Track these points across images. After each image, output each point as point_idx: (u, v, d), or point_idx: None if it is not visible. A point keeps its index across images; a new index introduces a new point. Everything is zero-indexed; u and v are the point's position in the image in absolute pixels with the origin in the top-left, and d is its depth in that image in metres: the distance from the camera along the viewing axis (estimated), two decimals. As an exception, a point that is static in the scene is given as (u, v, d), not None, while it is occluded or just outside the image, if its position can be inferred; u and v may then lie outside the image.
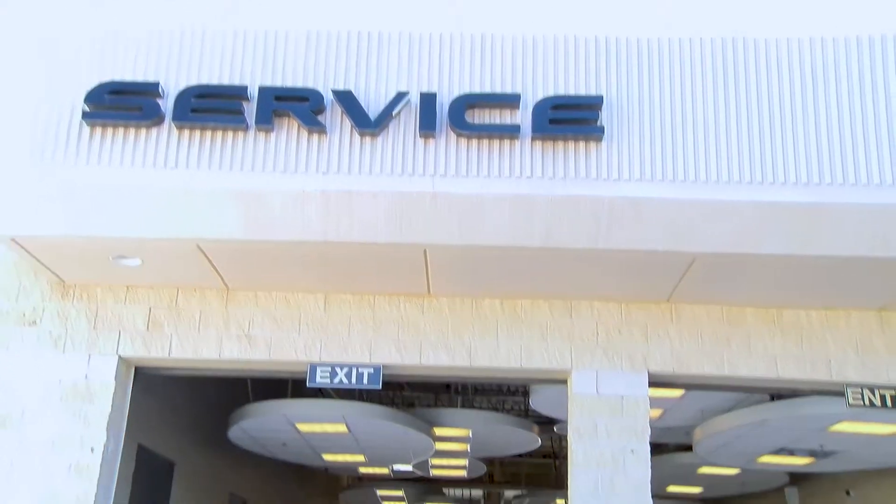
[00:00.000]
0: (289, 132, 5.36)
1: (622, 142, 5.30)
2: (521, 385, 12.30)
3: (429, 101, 5.35)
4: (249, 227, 5.55)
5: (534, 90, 5.42)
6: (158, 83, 5.41)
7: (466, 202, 5.30)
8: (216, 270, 6.28)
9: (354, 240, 5.59)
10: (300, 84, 5.45)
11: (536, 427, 12.27)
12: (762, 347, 6.44)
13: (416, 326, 6.54)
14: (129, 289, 6.62)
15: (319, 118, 5.34)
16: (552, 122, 5.30)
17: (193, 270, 6.27)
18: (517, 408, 15.41)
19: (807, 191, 5.19)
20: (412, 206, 5.35)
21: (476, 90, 5.42)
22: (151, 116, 5.34)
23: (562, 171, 5.26)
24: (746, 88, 5.38)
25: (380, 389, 6.69)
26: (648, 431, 6.27)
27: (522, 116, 5.35)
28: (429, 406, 13.90)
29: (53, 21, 5.63)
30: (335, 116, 5.37)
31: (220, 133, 5.37)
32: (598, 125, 5.29)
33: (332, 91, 5.39)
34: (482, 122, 5.34)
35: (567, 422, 6.49)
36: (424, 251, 5.79)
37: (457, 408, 13.28)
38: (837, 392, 6.44)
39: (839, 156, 5.24)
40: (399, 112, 5.34)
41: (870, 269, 5.78)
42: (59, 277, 6.53)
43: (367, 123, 5.31)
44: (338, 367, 6.45)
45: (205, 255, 6.01)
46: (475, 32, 5.55)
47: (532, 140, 5.31)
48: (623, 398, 6.33)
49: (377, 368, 6.45)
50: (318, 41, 5.56)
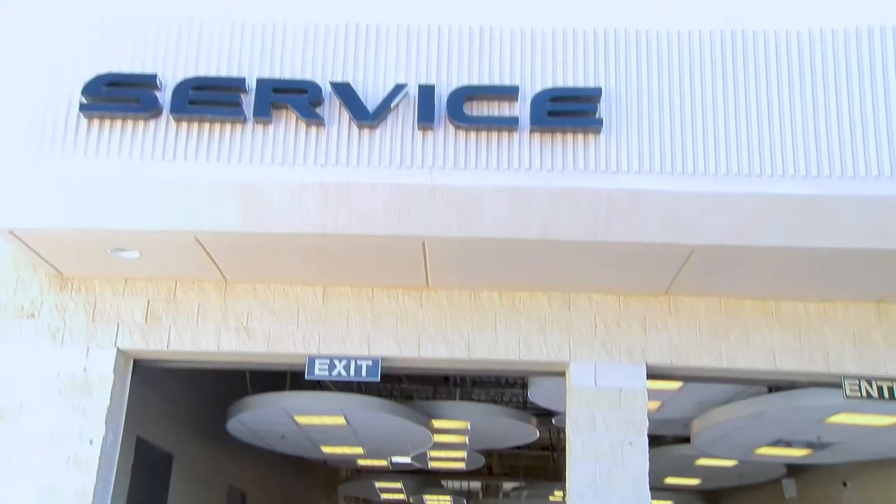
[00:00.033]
0: (287, 124, 5.35)
1: (620, 134, 5.30)
2: (520, 377, 12.32)
3: (427, 94, 5.34)
4: (248, 220, 5.55)
5: (532, 82, 5.41)
6: (156, 75, 5.39)
7: (465, 194, 5.30)
8: (214, 263, 6.27)
9: (353, 232, 5.59)
10: (298, 76, 5.44)
11: (535, 419, 12.29)
12: (760, 340, 6.46)
13: (415, 319, 6.54)
14: (128, 281, 6.62)
15: (318, 110, 5.33)
16: (551, 115, 5.29)
17: (192, 263, 6.26)
18: (515, 400, 15.43)
19: (805, 183, 5.19)
20: (410, 199, 5.35)
21: (474, 82, 5.41)
22: (149, 108, 5.33)
23: (560, 164, 5.26)
24: (745, 80, 5.37)
25: (378, 382, 6.70)
26: (646, 423, 6.28)
27: (521, 109, 5.34)
28: (427, 398, 13.93)
29: (51, 12, 5.61)
30: (333, 109, 5.37)
31: (218, 125, 5.36)
32: (597, 117, 5.28)
33: (331, 83, 5.38)
34: (480, 115, 5.34)
35: (565, 414, 6.51)
36: (423, 243, 5.79)
37: (455, 400, 13.30)
38: (835, 384, 6.46)
39: (837, 148, 5.24)
40: (397, 104, 5.33)
41: (868, 262, 5.79)
42: (58, 270, 6.53)
43: (366, 116, 5.30)
44: (336, 360, 6.46)
45: (203, 248, 6.00)
46: (473, 24, 5.54)
47: (530, 132, 5.30)
48: (621, 390, 6.34)
49: (376, 361, 6.46)
50: (317, 33, 5.54)
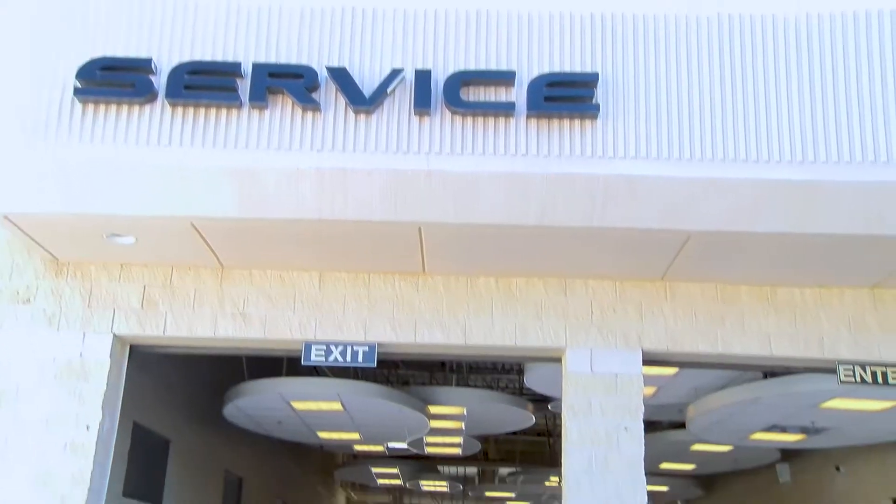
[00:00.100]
0: (283, 109, 5.33)
1: (617, 119, 5.28)
2: (516, 363, 12.33)
3: (423, 79, 5.32)
4: (243, 205, 5.54)
5: (529, 67, 5.39)
6: (151, 59, 5.36)
7: (461, 180, 5.29)
8: (210, 248, 6.26)
9: (349, 218, 5.58)
10: (294, 61, 5.41)
11: (531, 405, 12.33)
12: (756, 325, 6.47)
13: (411, 304, 6.55)
14: (124, 267, 6.61)
15: (314, 95, 5.30)
16: (547, 100, 5.27)
17: (188, 248, 6.25)
18: (512, 386, 15.48)
19: (802, 168, 5.18)
20: (407, 184, 5.34)
21: (471, 67, 5.39)
22: (144, 93, 5.30)
23: (557, 149, 5.25)
24: (742, 65, 5.36)
25: (375, 367, 6.72)
26: (642, 409, 6.30)
27: (517, 94, 5.32)
28: (423, 384, 13.94)
29: (44, -4, 5.57)
30: (329, 93, 5.34)
31: (214, 110, 5.33)
32: (594, 103, 5.27)
33: (327, 68, 5.35)
34: (477, 100, 5.32)
35: (561, 400, 6.53)
36: (419, 229, 5.78)
37: (451, 386, 13.33)
38: (830, 369, 6.48)
39: (834, 133, 5.23)
40: (394, 89, 5.31)
41: (864, 247, 5.80)
42: (53, 255, 6.51)
43: (362, 101, 5.28)
44: (333, 346, 6.46)
45: (199, 233, 5.99)
46: (470, 9, 5.51)
47: (527, 117, 5.28)
48: (617, 376, 6.36)
49: (372, 346, 6.46)
50: (313, 17, 5.51)
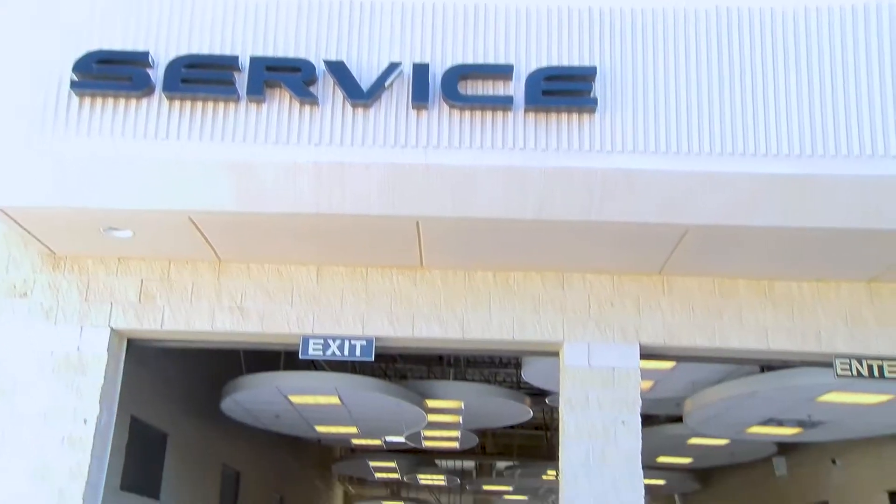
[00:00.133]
0: (280, 103, 5.32)
1: (615, 113, 5.28)
2: (514, 357, 12.36)
3: (421, 72, 5.31)
4: (241, 199, 5.53)
5: (527, 61, 5.38)
6: (148, 53, 5.34)
7: (459, 174, 5.29)
8: (208, 242, 6.26)
9: (347, 212, 5.58)
10: (292, 54, 5.39)
11: (528, 399, 12.35)
12: (753, 319, 6.48)
13: (409, 299, 6.55)
14: (121, 261, 6.60)
15: (311, 89, 5.29)
16: (545, 94, 5.26)
17: (185, 242, 6.25)
18: (509, 380, 15.50)
19: (799, 162, 5.19)
20: (405, 178, 5.33)
21: (469, 61, 5.38)
22: (141, 87, 5.29)
23: (555, 143, 5.24)
24: (740, 59, 5.36)
25: (372, 361, 6.73)
26: (639, 403, 6.32)
27: (515, 87, 5.31)
28: (421, 378, 13.99)
29: (40, -11, 5.55)
30: (327, 87, 5.33)
31: (212, 104, 5.32)
32: (592, 96, 5.26)
33: (325, 62, 5.34)
34: (475, 94, 5.31)
35: (559, 394, 6.54)
36: (417, 223, 5.78)
37: (449, 380, 13.35)
38: (826, 363, 6.50)
39: (832, 127, 5.23)
40: (392, 83, 5.30)
41: (861, 241, 5.81)
42: (50, 249, 6.50)
43: (360, 94, 5.27)
44: (330, 340, 6.47)
45: (196, 227, 5.99)
46: (468, 2, 5.49)
47: (525, 111, 5.28)
48: (614, 370, 6.37)
49: (370, 341, 6.47)
50: (310, 11, 5.49)
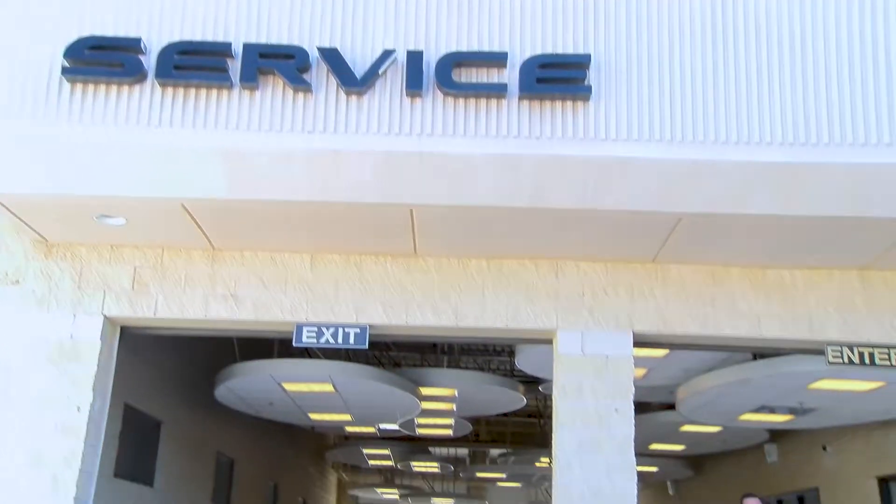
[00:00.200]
0: (274, 90, 5.30)
1: (609, 101, 5.27)
2: (507, 345, 12.39)
3: (415, 60, 5.29)
4: (234, 187, 5.52)
5: (521, 48, 5.37)
6: (140, 39, 5.31)
7: (454, 162, 5.28)
8: (201, 230, 6.24)
9: (340, 199, 5.57)
10: (285, 41, 5.37)
11: (522, 386, 12.38)
12: (746, 307, 6.51)
13: (403, 286, 6.55)
14: (114, 248, 6.59)
15: (305, 76, 5.27)
16: (539, 81, 5.26)
17: (178, 230, 6.23)
18: (503, 368, 15.53)
19: (792, 150, 5.20)
20: (399, 166, 5.33)
21: (463, 48, 5.36)
22: (134, 73, 5.25)
23: (549, 131, 5.24)
24: (735, 48, 5.35)
25: (366, 349, 6.72)
26: (632, 390, 6.35)
27: (509, 75, 5.30)
28: (415, 366, 14.00)
29: (31, -26, 5.50)
30: (321, 75, 5.31)
31: (205, 91, 5.29)
32: (586, 84, 5.25)
33: (318, 49, 5.31)
34: (469, 81, 5.30)
35: (552, 381, 6.56)
36: (411, 211, 5.78)
37: (443, 368, 13.36)
38: (818, 350, 6.54)
39: (825, 116, 5.24)
40: (385, 70, 5.28)
41: (853, 228, 5.83)
42: (42, 236, 6.48)
43: (354, 82, 5.25)
44: (324, 327, 6.47)
45: (189, 215, 5.97)
46: (462, -11, 5.47)
47: (519, 99, 5.27)
48: (608, 358, 6.39)
49: (363, 328, 6.47)
50: (303, -3, 5.47)
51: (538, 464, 19.72)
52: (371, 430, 16.86)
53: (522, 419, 19.61)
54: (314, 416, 13.18)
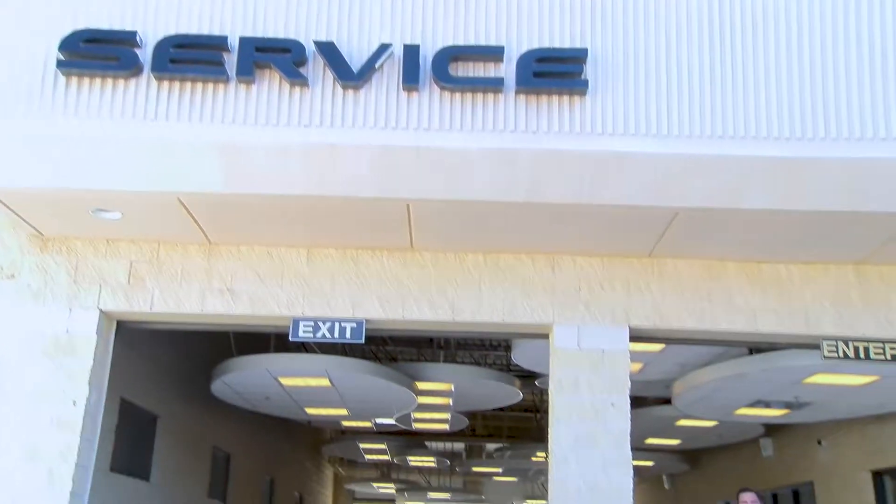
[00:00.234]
0: (270, 84, 5.28)
1: (606, 96, 5.27)
2: (504, 339, 12.39)
3: (412, 54, 5.28)
4: (230, 181, 5.51)
5: (518, 43, 5.36)
6: (136, 32, 5.29)
7: (450, 156, 5.27)
8: (197, 224, 6.23)
9: (337, 194, 5.57)
10: (282, 35, 5.35)
11: (518, 381, 12.40)
12: (742, 301, 6.52)
13: (399, 281, 6.55)
14: (110, 242, 6.57)
15: (301, 70, 5.26)
16: (536, 76, 5.25)
17: (174, 224, 6.22)
18: (499, 362, 15.54)
19: (788, 145, 5.20)
20: (395, 160, 5.32)
21: (460, 42, 5.35)
22: (129, 67, 5.24)
23: (546, 125, 5.23)
24: (731, 43, 5.35)
25: (363, 344, 6.73)
26: (628, 385, 6.36)
27: (506, 69, 5.29)
28: (411, 360, 13.99)
29: (26, -33, 5.47)
30: (317, 68, 5.30)
31: (200, 84, 5.27)
32: (583, 78, 5.25)
33: (315, 42, 5.30)
34: (466, 76, 5.29)
35: (548, 376, 6.57)
36: (407, 205, 5.77)
37: (439, 362, 13.37)
38: (813, 345, 6.55)
39: (821, 110, 5.24)
40: (382, 64, 5.27)
41: (849, 223, 5.84)
42: (38, 231, 6.46)
43: (350, 76, 5.24)
44: (321, 322, 6.47)
45: (186, 209, 5.96)
46: (459, -17, 5.46)
47: (516, 93, 5.26)
48: (604, 352, 6.40)
49: (360, 323, 6.47)
50: (300, -10, 5.45)
51: (534, 458, 19.79)
52: (367, 425, 16.88)
53: (519, 414, 19.65)
54: (310, 411, 13.19)
